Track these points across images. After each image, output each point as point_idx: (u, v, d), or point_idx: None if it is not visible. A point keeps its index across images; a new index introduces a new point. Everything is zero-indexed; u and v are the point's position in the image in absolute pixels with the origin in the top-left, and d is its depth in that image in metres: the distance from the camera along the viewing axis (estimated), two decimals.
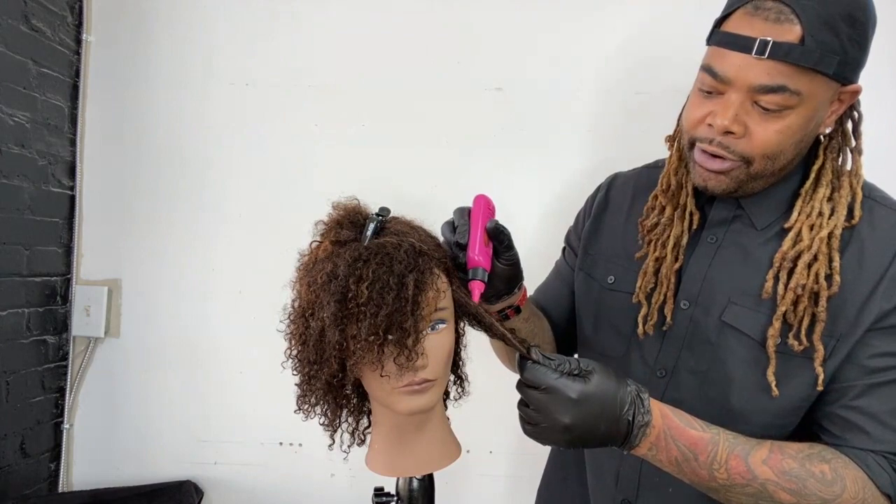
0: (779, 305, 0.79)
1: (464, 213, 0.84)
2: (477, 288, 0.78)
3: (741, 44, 0.75)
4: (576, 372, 0.73)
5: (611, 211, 1.05)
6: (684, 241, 0.90)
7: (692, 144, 0.83)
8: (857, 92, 0.79)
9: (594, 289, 1.01)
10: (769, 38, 0.72)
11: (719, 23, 0.80)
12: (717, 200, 0.89)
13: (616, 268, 0.98)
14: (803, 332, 0.78)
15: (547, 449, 1.19)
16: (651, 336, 0.91)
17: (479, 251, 0.79)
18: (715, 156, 0.80)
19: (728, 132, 0.77)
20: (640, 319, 0.91)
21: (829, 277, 0.78)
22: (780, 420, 0.83)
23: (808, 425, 0.84)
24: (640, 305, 0.92)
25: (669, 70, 1.48)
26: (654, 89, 1.52)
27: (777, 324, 0.79)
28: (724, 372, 0.85)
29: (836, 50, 0.73)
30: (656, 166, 1.02)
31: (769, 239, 0.85)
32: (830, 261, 0.78)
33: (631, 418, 0.73)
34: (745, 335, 0.83)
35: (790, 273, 0.79)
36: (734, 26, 0.77)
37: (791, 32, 0.72)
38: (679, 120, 0.92)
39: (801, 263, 0.78)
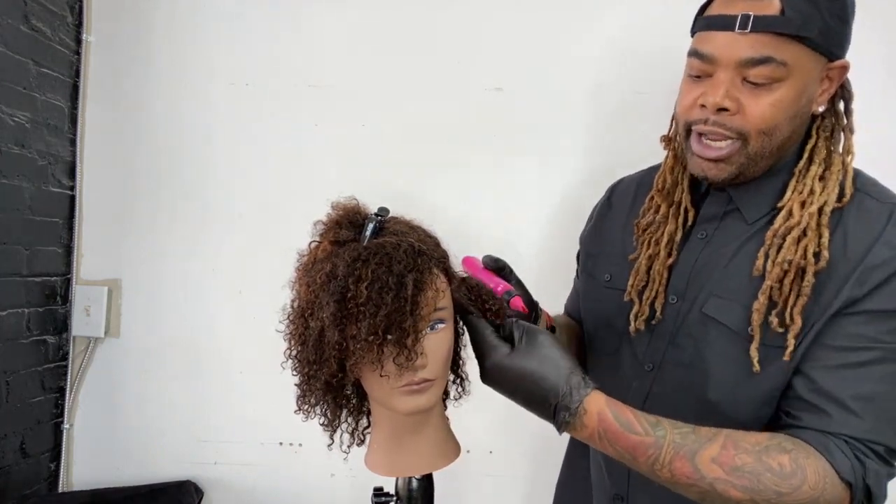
0: (766, 280, 0.79)
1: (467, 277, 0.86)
2: (517, 304, 0.81)
3: (724, 23, 0.78)
4: (510, 339, 0.76)
5: (612, 213, 1.07)
6: (678, 237, 0.91)
7: (688, 132, 0.85)
8: (845, 68, 0.81)
9: (593, 287, 1.03)
10: (750, 13, 0.76)
11: (701, 11, 0.84)
12: (709, 196, 0.91)
13: (613, 265, 1.00)
14: (788, 310, 0.78)
15: (549, 448, 1.19)
16: (641, 331, 0.92)
17: (497, 281, 0.83)
18: (712, 140, 0.81)
19: (721, 109, 0.79)
20: (631, 317, 0.92)
21: (817, 254, 0.78)
22: (755, 412, 0.82)
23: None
24: (625, 299, 0.93)
25: (670, 69, 1.47)
26: (654, 89, 1.52)
27: (763, 297, 0.79)
28: (702, 364, 0.85)
29: (817, 19, 0.75)
30: (662, 164, 1.03)
31: (757, 231, 0.85)
32: (819, 237, 0.78)
33: (553, 411, 0.73)
34: (724, 326, 0.83)
35: (779, 250, 0.80)
36: (715, 9, 0.81)
37: (770, 6, 0.76)
38: (673, 117, 0.93)
39: (790, 238, 0.78)
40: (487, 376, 0.77)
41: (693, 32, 0.85)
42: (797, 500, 0.70)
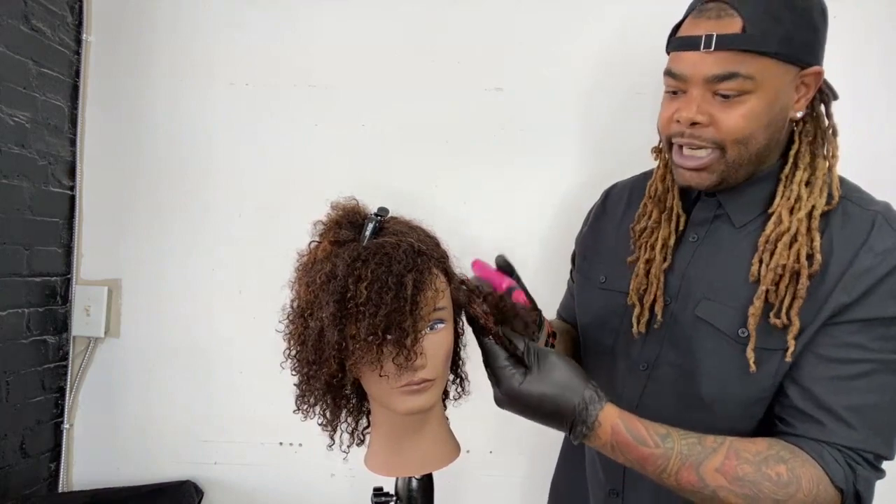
0: (761, 284, 0.82)
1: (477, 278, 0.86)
2: (519, 297, 0.82)
3: (690, 43, 0.83)
4: (522, 362, 0.76)
5: (607, 216, 1.10)
6: (671, 241, 0.93)
7: (669, 145, 0.89)
8: (819, 73, 0.84)
9: (588, 289, 1.06)
10: (713, 33, 0.80)
11: (674, 33, 0.88)
12: (699, 201, 0.94)
13: (608, 268, 1.03)
14: (784, 311, 0.80)
15: (549, 448, 1.20)
16: (640, 332, 0.94)
17: (502, 278, 0.83)
18: (692, 150, 0.85)
19: (694, 123, 0.83)
20: (634, 320, 0.94)
21: (810, 257, 0.80)
22: (745, 410, 0.85)
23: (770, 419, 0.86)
24: (628, 303, 0.95)
25: None
26: (654, 89, 1.52)
27: (758, 302, 0.81)
28: (695, 364, 0.87)
29: (779, 34, 0.79)
30: (654, 173, 1.05)
31: (745, 236, 0.88)
32: (811, 241, 0.80)
33: (570, 426, 0.76)
34: (715, 328, 0.86)
35: (772, 255, 0.82)
36: (684, 31, 0.86)
37: (732, 25, 0.79)
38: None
39: (782, 244, 0.81)
40: (503, 402, 0.78)
41: (667, 50, 0.90)
42: None
